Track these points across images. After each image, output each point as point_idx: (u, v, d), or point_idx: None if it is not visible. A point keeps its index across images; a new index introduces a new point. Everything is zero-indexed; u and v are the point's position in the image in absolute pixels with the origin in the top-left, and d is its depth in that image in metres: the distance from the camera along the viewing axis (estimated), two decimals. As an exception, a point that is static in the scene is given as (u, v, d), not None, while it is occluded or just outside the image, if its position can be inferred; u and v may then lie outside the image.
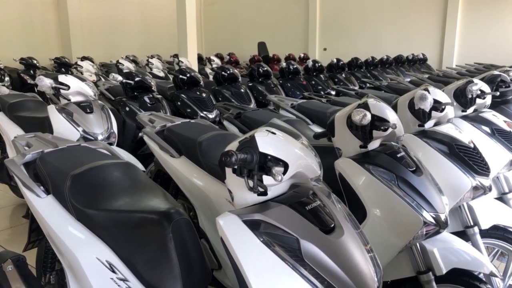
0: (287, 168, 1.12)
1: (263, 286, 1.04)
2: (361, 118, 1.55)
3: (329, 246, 1.12)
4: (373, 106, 1.64)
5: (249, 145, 1.10)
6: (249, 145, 1.10)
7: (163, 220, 1.49)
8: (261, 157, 1.10)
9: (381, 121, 1.63)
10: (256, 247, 1.07)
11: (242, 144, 1.12)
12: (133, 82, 3.80)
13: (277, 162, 1.10)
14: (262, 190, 1.16)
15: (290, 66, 5.68)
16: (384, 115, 1.63)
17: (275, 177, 1.04)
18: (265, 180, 1.10)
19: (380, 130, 1.63)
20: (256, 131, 1.14)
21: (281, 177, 1.05)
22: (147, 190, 1.75)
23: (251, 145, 1.10)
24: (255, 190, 1.11)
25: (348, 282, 1.09)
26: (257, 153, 1.09)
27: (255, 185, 1.09)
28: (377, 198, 1.63)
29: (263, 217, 1.11)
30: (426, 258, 1.67)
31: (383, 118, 1.62)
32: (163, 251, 1.47)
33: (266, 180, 1.10)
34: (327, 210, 1.22)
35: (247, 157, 1.06)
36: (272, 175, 1.06)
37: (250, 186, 1.11)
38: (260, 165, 1.10)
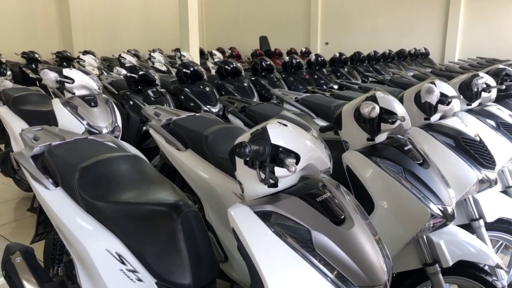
0: (299, 160, 1.13)
1: (275, 276, 1.06)
2: (370, 111, 1.55)
3: (340, 237, 1.13)
4: (381, 99, 1.65)
5: (261, 136, 1.11)
6: (261, 136, 1.11)
7: (172, 212, 1.50)
8: (273, 149, 1.11)
9: (389, 114, 1.63)
10: (268, 237, 1.08)
11: (254, 135, 1.13)
12: (137, 76, 3.80)
13: (288, 154, 1.11)
14: (273, 182, 1.17)
15: (293, 60, 5.68)
16: (392, 108, 1.64)
17: (289, 168, 1.05)
18: (277, 171, 1.11)
19: (388, 123, 1.64)
20: (268, 123, 1.15)
21: (294, 168, 1.06)
22: (155, 182, 1.76)
23: (263, 136, 1.10)
24: (266, 182, 1.12)
25: (359, 273, 1.10)
26: (269, 144, 1.09)
27: (267, 176, 1.10)
28: (384, 191, 1.64)
29: (275, 208, 1.12)
30: (433, 250, 1.69)
31: (391, 111, 1.63)
32: (173, 243, 1.48)
33: (278, 172, 1.11)
34: (337, 201, 1.23)
35: (260, 149, 1.07)
36: (286, 167, 1.06)
37: (262, 177, 1.11)
38: (271, 157, 1.11)
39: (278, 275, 1.06)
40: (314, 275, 1.06)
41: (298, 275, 1.06)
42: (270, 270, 1.06)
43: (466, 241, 1.72)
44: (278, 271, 1.06)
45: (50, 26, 11.37)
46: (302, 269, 1.06)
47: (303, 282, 1.06)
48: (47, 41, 11.11)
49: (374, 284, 1.11)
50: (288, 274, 1.06)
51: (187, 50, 8.18)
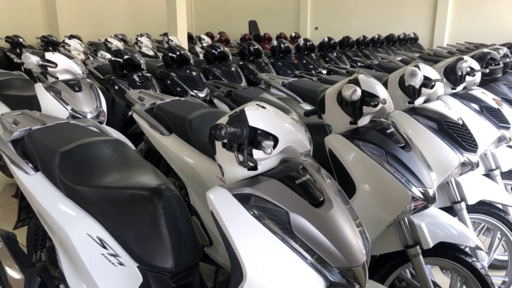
0: (277, 142, 1.12)
1: (253, 258, 1.06)
2: (351, 94, 1.55)
3: (319, 219, 1.13)
4: (363, 82, 1.64)
5: (239, 119, 1.09)
6: (239, 119, 1.09)
7: (154, 196, 1.49)
8: (251, 131, 1.10)
9: (371, 96, 1.63)
10: (246, 220, 1.08)
11: (232, 118, 1.12)
12: (122, 60, 3.75)
13: (267, 136, 1.10)
14: (252, 165, 1.16)
15: (281, 45, 5.64)
16: (374, 91, 1.63)
17: (265, 150, 1.04)
18: (255, 154, 1.10)
19: (370, 106, 1.64)
20: (246, 105, 1.14)
21: (270, 149, 1.05)
22: (137, 166, 1.74)
23: (241, 119, 1.09)
24: (245, 164, 1.11)
25: (336, 254, 1.10)
26: (247, 127, 1.08)
27: (245, 159, 1.09)
28: (366, 174, 1.65)
29: (253, 191, 1.12)
30: (414, 232, 1.70)
31: (373, 94, 1.62)
32: (154, 227, 1.47)
33: (256, 154, 1.10)
34: (317, 184, 1.23)
35: (237, 131, 1.06)
36: (262, 149, 1.05)
37: (240, 160, 1.11)
38: (250, 139, 1.10)
39: (256, 257, 1.06)
40: (291, 256, 1.06)
41: (276, 257, 1.06)
42: (248, 252, 1.06)
43: (447, 223, 1.74)
44: (256, 253, 1.06)
45: (35, 10, 11.12)
46: (280, 251, 1.06)
47: (281, 264, 1.06)
48: (32, 25, 10.88)
49: (352, 265, 1.12)
50: (266, 256, 1.06)
51: (175, 34, 8.07)
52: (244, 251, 1.05)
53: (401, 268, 1.78)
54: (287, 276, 1.06)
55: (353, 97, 1.55)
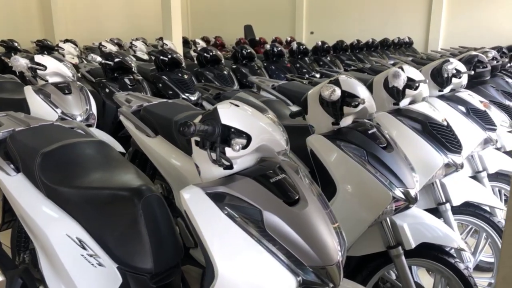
0: (250, 140, 1.12)
1: (225, 256, 1.05)
2: (330, 94, 1.55)
3: (292, 217, 1.13)
4: (343, 82, 1.65)
5: (212, 117, 1.10)
6: (212, 117, 1.10)
7: (134, 197, 1.49)
8: (224, 129, 1.10)
9: (351, 97, 1.63)
10: (218, 218, 1.07)
11: (205, 116, 1.12)
12: (112, 63, 3.75)
13: (240, 134, 1.10)
14: (228, 164, 1.16)
15: (274, 49, 5.65)
16: (355, 91, 1.64)
17: (233, 147, 1.04)
18: (228, 152, 1.10)
19: (351, 106, 1.64)
20: (219, 104, 1.14)
21: (239, 147, 1.05)
22: (120, 167, 1.74)
23: (213, 117, 1.09)
24: (218, 162, 1.11)
25: (310, 252, 1.10)
26: (220, 125, 1.08)
27: (218, 157, 1.09)
28: (347, 174, 1.65)
29: (227, 190, 1.12)
30: (396, 233, 1.70)
31: (354, 94, 1.63)
32: (133, 227, 1.47)
33: (229, 153, 1.10)
34: (292, 183, 1.23)
35: (208, 129, 1.06)
36: (231, 146, 1.06)
37: (213, 158, 1.11)
38: (224, 137, 1.10)
39: (227, 255, 1.06)
40: (263, 255, 1.06)
41: (248, 256, 1.06)
42: (219, 251, 1.05)
43: (430, 224, 1.74)
44: (227, 252, 1.06)
45: (30, 14, 11.13)
46: (251, 250, 1.06)
47: (253, 262, 1.06)
48: (28, 29, 10.88)
49: (325, 264, 1.12)
50: (238, 254, 1.06)
51: (170, 38, 8.09)
52: (215, 250, 1.05)
53: (384, 269, 1.78)
54: (258, 274, 1.06)
55: (332, 97, 1.56)
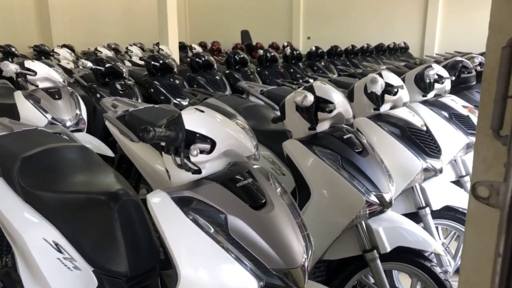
0: (215, 145, 1.14)
1: (187, 259, 1.08)
2: (302, 99, 1.58)
3: (257, 221, 1.15)
4: (318, 88, 1.67)
5: (176, 122, 1.12)
6: (176, 122, 1.12)
7: (110, 201, 1.51)
8: (189, 134, 1.12)
9: (326, 102, 1.66)
10: (182, 222, 1.10)
11: (170, 121, 1.14)
12: (103, 69, 3.79)
13: (204, 140, 1.12)
14: (195, 168, 1.19)
15: (267, 54, 5.69)
16: (329, 97, 1.66)
17: (191, 152, 1.07)
18: (193, 157, 1.13)
19: (325, 111, 1.67)
20: (184, 110, 1.16)
21: (196, 152, 1.07)
22: (99, 172, 1.76)
23: (177, 122, 1.12)
24: (183, 167, 1.13)
25: (273, 255, 1.12)
26: (184, 130, 1.11)
27: (182, 162, 1.12)
28: (321, 178, 1.67)
29: (193, 194, 1.14)
30: (372, 237, 1.72)
31: (327, 100, 1.65)
32: (109, 231, 1.49)
33: (194, 157, 1.13)
34: (260, 187, 1.25)
35: (171, 134, 1.08)
36: (189, 151, 1.08)
37: (178, 163, 1.13)
38: (189, 142, 1.12)
39: (190, 259, 1.08)
40: (225, 258, 1.08)
41: (210, 259, 1.08)
42: (182, 254, 1.07)
43: (406, 228, 1.76)
44: (190, 255, 1.08)
45: (28, 20, 11.20)
46: (214, 253, 1.08)
47: (215, 265, 1.08)
48: (26, 35, 10.94)
49: (289, 266, 1.14)
50: (200, 258, 1.08)
51: (166, 44, 8.13)
52: (178, 253, 1.07)
53: (361, 273, 1.80)
54: (220, 278, 1.08)
55: (304, 102, 1.59)
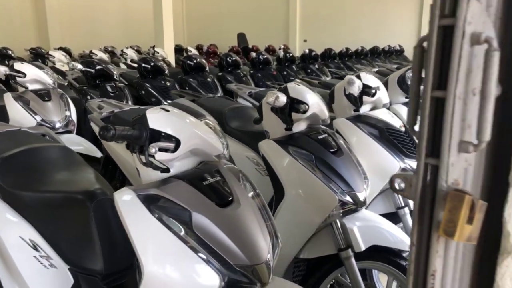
0: (180, 144, 1.17)
1: (151, 256, 1.10)
2: (274, 100, 1.61)
3: (222, 218, 1.18)
4: (292, 90, 1.70)
5: (140, 121, 1.15)
6: (140, 121, 1.15)
7: (86, 200, 1.54)
8: (154, 133, 1.15)
9: (299, 103, 1.68)
10: (146, 219, 1.12)
11: (134, 121, 1.17)
12: (93, 71, 3.82)
13: (169, 139, 1.15)
14: (164, 167, 1.21)
15: (260, 57, 5.73)
16: (303, 98, 1.69)
17: (149, 150, 1.10)
18: (157, 155, 1.15)
19: (300, 112, 1.69)
20: (149, 109, 1.19)
21: (154, 150, 1.10)
22: (79, 172, 1.79)
23: (142, 121, 1.15)
24: (149, 165, 1.16)
25: (237, 252, 1.15)
26: (147, 129, 1.13)
27: (147, 160, 1.14)
28: (295, 178, 1.70)
29: (158, 192, 1.16)
30: (346, 235, 1.74)
31: (301, 101, 1.68)
32: (85, 229, 1.52)
33: (158, 156, 1.15)
34: (228, 185, 1.27)
35: (133, 133, 1.11)
36: (147, 150, 1.11)
37: (143, 161, 1.16)
38: (154, 141, 1.15)
39: (153, 255, 1.10)
40: (188, 254, 1.11)
41: (173, 255, 1.11)
42: (146, 250, 1.10)
43: (382, 227, 1.78)
44: (153, 251, 1.10)
45: (26, 22, 11.25)
46: (177, 249, 1.11)
47: (178, 261, 1.11)
48: (23, 37, 10.98)
49: (253, 263, 1.16)
50: (164, 254, 1.11)
51: (162, 46, 8.18)
52: (142, 249, 1.10)
53: (337, 272, 1.82)
54: (182, 273, 1.10)
55: (276, 103, 1.61)
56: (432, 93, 0.52)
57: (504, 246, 0.61)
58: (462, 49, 0.49)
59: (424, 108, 0.52)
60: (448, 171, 0.52)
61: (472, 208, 0.51)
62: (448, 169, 0.52)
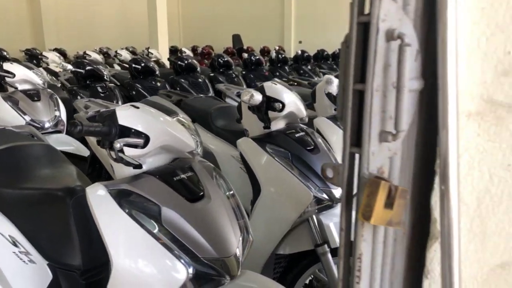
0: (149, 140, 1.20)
1: (120, 249, 1.13)
2: (249, 98, 1.64)
3: (192, 212, 1.21)
4: (268, 88, 1.74)
5: (110, 118, 1.18)
6: (110, 118, 1.18)
7: (66, 196, 1.56)
8: (124, 130, 1.18)
9: (276, 102, 1.72)
10: (116, 214, 1.15)
11: (104, 117, 1.20)
12: (83, 71, 3.85)
13: (139, 135, 1.18)
14: (136, 163, 1.25)
15: (252, 58, 5.76)
16: (279, 97, 1.73)
17: (115, 145, 1.13)
18: (127, 151, 1.18)
19: (276, 110, 1.73)
20: (120, 106, 1.22)
21: (119, 145, 1.13)
22: (61, 169, 1.82)
23: (111, 118, 1.18)
24: (119, 161, 1.19)
25: (205, 245, 1.18)
26: (117, 125, 1.17)
27: (116, 156, 1.18)
28: (272, 175, 1.73)
29: (129, 187, 1.20)
30: (323, 231, 1.78)
31: (277, 99, 1.72)
32: (64, 225, 1.54)
33: (128, 152, 1.19)
34: (200, 181, 1.31)
35: (102, 129, 1.14)
36: (113, 145, 1.14)
37: (113, 157, 1.19)
38: (124, 137, 1.18)
39: (122, 248, 1.13)
40: (157, 247, 1.14)
41: (142, 248, 1.14)
42: (115, 244, 1.13)
43: (357, 223, 1.81)
44: (122, 245, 1.14)
45: (22, 23, 11.28)
46: (145, 243, 1.14)
47: (146, 255, 1.14)
48: (19, 38, 11.01)
49: (221, 256, 1.19)
50: (132, 247, 1.14)
51: (156, 47, 8.22)
52: (111, 243, 1.13)
53: (314, 268, 1.85)
54: (150, 266, 1.13)
55: (251, 101, 1.65)
56: (354, 86, 0.55)
57: (432, 232, 0.64)
58: (377, 45, 0.52)
59: (347, 101, 0.56)
60: (369, 159, 0.56)
61: (390, 194, 0.54)
62: (369, 158, 0.56)
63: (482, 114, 0.56)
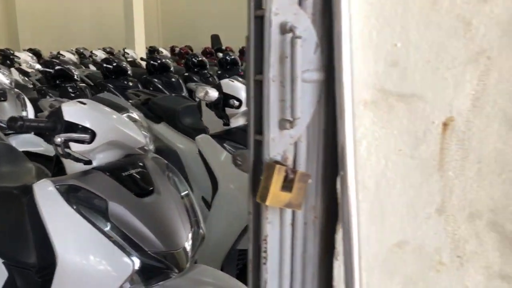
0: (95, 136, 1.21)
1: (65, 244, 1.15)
2: (204, 95, 1.67)
3: (139, 207, 1.23)
4: (225, 86, 1.77)
5: (56, 114, 1.19)
6: (56, 114, 1.19)
7: (21, 194, 1.56)
8: (71, 126, 1.19)
9: (232, 99, 1.75)
10: (62, 208, 1.17)
11: (50, 113, 1.21)
12: (52, 71, 3.82)
13: (85, 131, 1.20)
14: (86, 159, 1.26)
15: (227, 57, 5.79)
16: (236, 94, 1.76)
17: (55, 140, 1.14)
18: (73, 147, 1.20)
19: (234, 107, 1.76)
20: (66, 102, 1.24)
21: (60, 139, 1.15)
22: (20, 168, 1.81)
23: (57, 114, 1.19)
24: (66, 156, 1.20)
25: (152, 238, 1.20)
26: (62, 121, 1.18)
27: (63, 151, 1.19)
28: (231, 171, 1.75)
29: (77, 182, 1.21)
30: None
31: (234, 96, 1.75)
32: (18, 224, 1.54)
33: (74, 147, 1.20)
34: (149, 176, 1.33)
35: (46, 125, 1.15)
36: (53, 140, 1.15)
37: (60, 152, 1.20)
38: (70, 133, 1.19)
39: (67, 243, 1.15)
40: (102, 241, 1.15)
41: (87, 242, 1.16)
42: (60, 238, 1.15)
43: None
44: (68, 239, 1.15)
45: (-4, 24, 11.09)
46: (91, 237, 1.16)
47: (91, 248, 1.15)
48: (-7, 39, 10.83)
49: (169, 249, 1.22)
50: (78, 241, 1.16)
51: (133, 48, 8.17)
52: (56, 237, 1.15)
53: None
54: (96, 259, 1.15)
55: (206, 98, 1.68)
56: (255, 77, 0.58)
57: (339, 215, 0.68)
58: (271, 37, 0.55)
59: (249, 91, 0.59)
60: (269, 145, 0.59)
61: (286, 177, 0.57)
62: (269, 144, 0.59)
63: (376, 103, 0.60)
